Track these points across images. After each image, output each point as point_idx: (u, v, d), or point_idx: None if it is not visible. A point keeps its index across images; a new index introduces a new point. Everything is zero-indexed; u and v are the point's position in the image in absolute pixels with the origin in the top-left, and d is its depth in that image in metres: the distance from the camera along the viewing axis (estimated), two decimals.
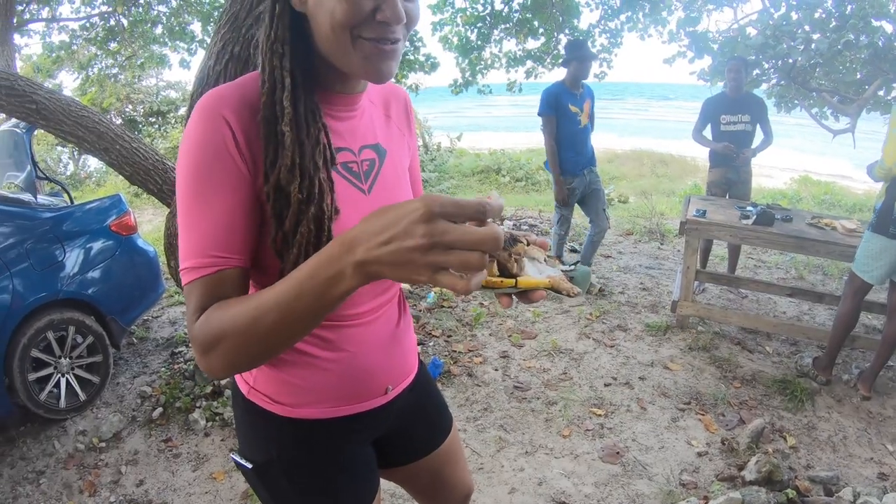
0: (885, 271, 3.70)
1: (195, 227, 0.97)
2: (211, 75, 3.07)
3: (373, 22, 0.95)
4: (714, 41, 8.93)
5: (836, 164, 18.88)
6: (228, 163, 0.98)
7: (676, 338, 4.69)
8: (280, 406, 1.22)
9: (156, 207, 10.44)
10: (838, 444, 3.51)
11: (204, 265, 0.96)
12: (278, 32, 1.02)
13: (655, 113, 46.96)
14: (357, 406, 1.26)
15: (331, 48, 1.00)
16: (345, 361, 1.21)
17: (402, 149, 1.31)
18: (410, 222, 0.68)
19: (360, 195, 1.15)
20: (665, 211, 9.26)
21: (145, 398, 3.90)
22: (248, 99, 1.01)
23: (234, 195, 0.98)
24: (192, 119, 1.00)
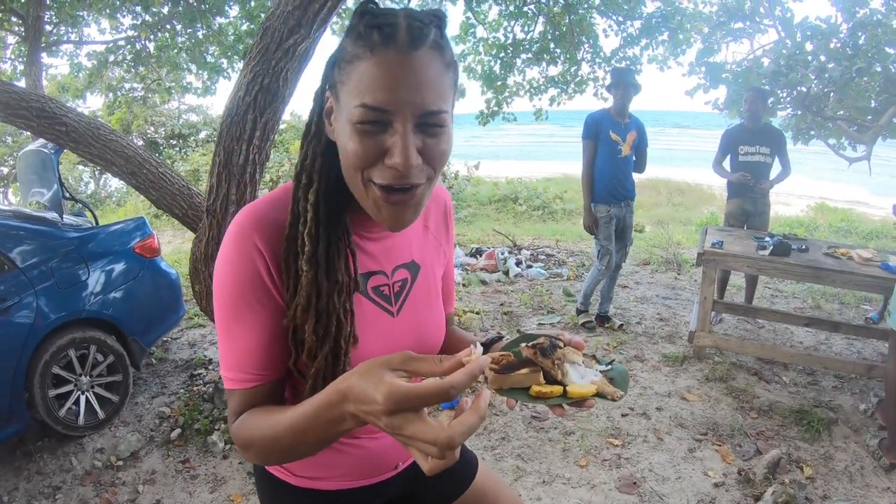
0: None
1: (233, 344, 1.03)
2: (241, 106, 3.14)
3: (381, 167, 0.91)
4: (729, 71, 8.99)
5: (852, 191, 18.83)
6: (262, 290, 1.01)
7: (693, 368, 4.69)
8: (296, 478, 1.26)
9: (175, 229, 10.56)
10: (855, 475, 3.49)
11: (243, 379, 1.03)
12: (307, 159, 1.02)
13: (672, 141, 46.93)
14: (369, 480, 1.30)
15: (349, 185, 0.98)
16: (362, 445, 1.26)
17: (437, 259, 1.31)
18: (374, 411, 0.76)
19: (387, 318, 1.17)
20: (682, 240, 9.27)
21: (164, 419, 3.94)
22: (281, 222, 1.02)
23: (270, 319, 1.02)
24: (226, 241, 1.02)
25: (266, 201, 1.05)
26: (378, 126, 0.88)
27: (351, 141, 0.90)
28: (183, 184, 3.97)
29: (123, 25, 8.44)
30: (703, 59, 9.25)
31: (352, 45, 0.90)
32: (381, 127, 0.89)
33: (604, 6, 8.74)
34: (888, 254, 4.74)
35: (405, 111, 0.87)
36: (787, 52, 8.05)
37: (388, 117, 0.88)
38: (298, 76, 3.25)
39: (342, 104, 0.92)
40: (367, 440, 1.26)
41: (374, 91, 0.87)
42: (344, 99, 0.91)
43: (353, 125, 0.89)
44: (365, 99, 0.87)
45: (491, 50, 9.23)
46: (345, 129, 0.91)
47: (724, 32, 9.39)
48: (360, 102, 0.87)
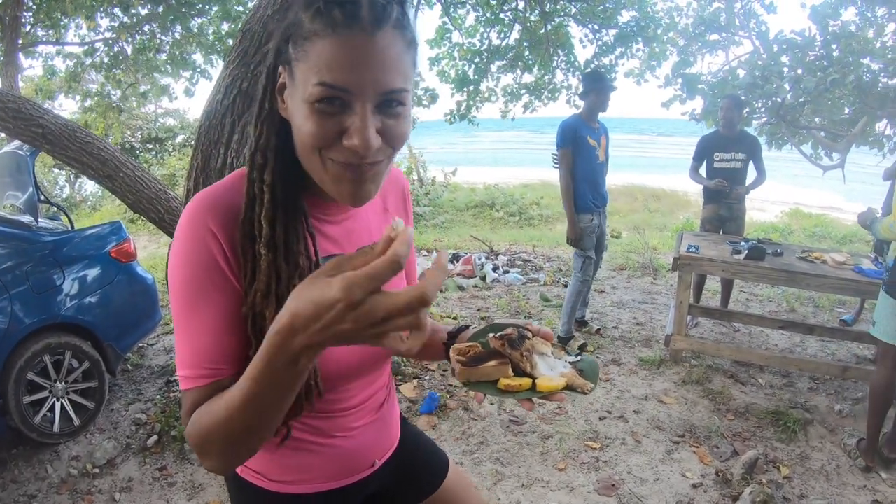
0: None
1: (189, 338, 0.97)
2: (219, 109, 3.13)
3: (340, 146, 0.88)
4: (705, 83, 9.10)
5: (826, 197, 19.10)
6: (218, 276, 0.96)
7: (670, 371, 4.73)
8: (271, 482, 1.23)
9: (151, 234, 10.48)
10: (831, 474, 3.55)
11: (198, 376, 0.96)
12: (262, 139, 0.98)
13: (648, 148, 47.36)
14: (345, 481, 1.28)
15: (305, 165, 0.95)
16: (336, 445, 1.23)
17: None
18: (337, 313, 0.68)
19: None
20: (658, 246, 9.35)
21: (140, 425, 3.89)
22: (237, 207, 0.98)
23: (226, 308, 0.97)
24: (180, 226, 0.98)
25: (219, 185, 1.02)
26: (337, 106, 0.85)
27: (308, 121, 0.86)
28: (160, 187, 3.94)
29: (101, 27, 8.38)
30: (679, 70, 9.36)
31: (309, 21, 0.85)
32: (340, 107, 0.85)
33: (580, 15, 8.82)
34: (861, 257, 4.83)
35: (366, 91, 0.85)
36: (763, 64, 8.17)
37: (348, 97, 0.85)
38: None
39: (298, 82, 0.88)
40: (342, 439, 1.24)
41: (334, 70, 0.83)
42: (301, 77, 0.87)
43: (311, 104, 0.85)
44: (325, 78, 0.83)
45: (466, 55, 9.28)
46: (301, 108, 0.87)
47: (699, 44, 9.51)
48: (320, 81, 0.84)
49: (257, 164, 0.97)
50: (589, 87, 5.00)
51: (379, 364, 1.24)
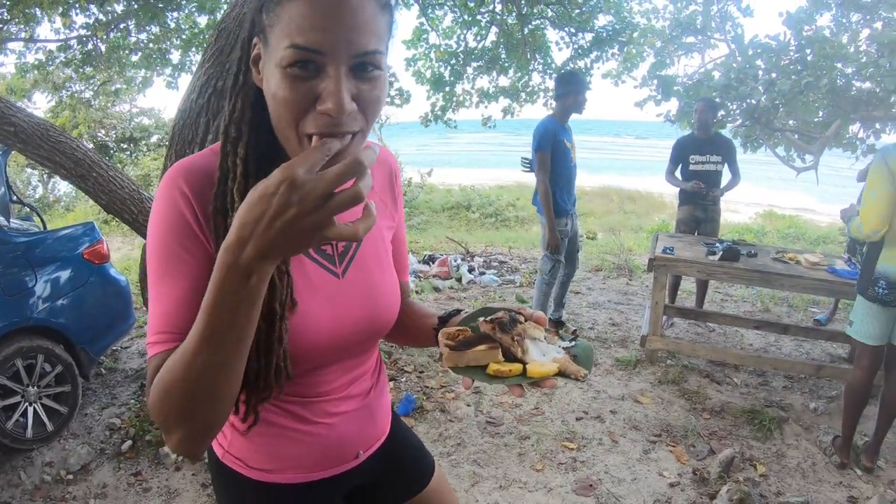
0: (878, 332, 3.40)
1: (159, 302, 0.95)
2: (193, 108, 3.10)
3: (314, 115, 0.84)
4: (680, 84, 9.17)
5: (800, 199, 19.37)
6: (189, 239, 0.95)
7: (646, 372, 4.76)
8: (252, 471, 1.21)
9: (125, 235, 10.36)
10: (807, 471, 3.60)
11: (165, 340, 0.93)
12: (236, 111, 0.95)
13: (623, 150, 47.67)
14: (328, 472, 1.26)
15: (280, 139, 0.92)
16: (316, 433, 1.21)
17: (385, 222, 1.26)
18: (282, 196, 0.68)
19: (332, 279, 1.12)
20: (633, 247, 9.41)
21: (114, 430, 3.84)
22: (212, 171, 0.97)
23: (197, 271, 0.94)
24: (157, 191, 0.98)
25: (197, 154, 1.01)
26: (310, 69, 0.82)
27: (281, 87, 0.83)
28: (133, 188, 3.90)
29: (76, 24, 8.26)
30: (655, 72, 9.42)
31: None
32: (312, 71, 0.83)
33: (556, 18, 8.86)
34: (835, 258, 4.90)
35: (339, 53, 0.82)
36: (738, 67, 8.24)
37: (320, 59, 0.82)
38: None
39: (271, 48, 0.85)
40: (323, 426, 1.21)
41: (305, 31, 0.81)
42: (273, 42, 0.84)
43: (283, 69, 0.83)
44: (296, 39, 0.81)
45: (442, 56, 9.28)
46: (274, 75, 0.85)
47: (675, 46, 9.57)
48: (291, 43, 0.81)
49: (231, 136, 0.95)
50: (565, 88, 4.94)
51: (358, 348, 1.21)
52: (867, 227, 3.24)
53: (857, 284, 3.51)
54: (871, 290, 3.33)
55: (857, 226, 3.30)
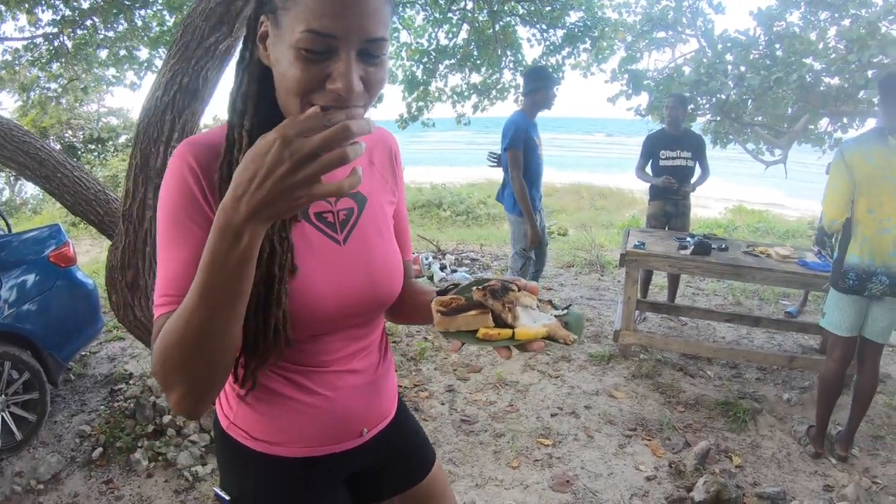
0: (849, 323, 3.49)
1: (166, 266, 1.01)
2: (158, 106, 3.03)
3: (323, 93, 0.91)
4: (651, 79, 9.23)
5: (769, 193, 19.64)
6: (196, 210, 1.01)
7: (620, 366, 4.77)
8: (257, 442, 1.23)
9: (94, 238, 10.20)
10: (783, 461, 3.63)
11: (169, 301, 0.98)
12: (243, 86, 1.01)
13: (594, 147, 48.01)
14: (332, 448, 1.27)
15: (285, 111, 0.98)
16: (320, 405, 1.22)
17: (385, 196, 1.30)
18: (275, 153, 0.76)
19: (333, 246, 1.16)
20: (604, 243, 9.44)
21: (84, 438, 3.76)
22: (219, 146, 1.03)
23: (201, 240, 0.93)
24: (168, 164, 1.04)
25: (206, 131, 1.09)
26: (322, 52, 0.89)
27: (293, 66, 0.89)
28: (99, 188, 3.82)
29: (42, 21, 8.10)
30: (625, 66, 9.47)
31: None
32: (325, 53, 0.89)
33: (528, 15, 8.87)
34: (805, 251, 4.94)
35: (351, 38, 0.88)
36: (708, 62, 8.31)
37: (334, 43, 0.88)
38: (219, 76, 3.15)
39: (284, 29, 0.90)
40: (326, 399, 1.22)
41: (321, 17, 0.86)
42: (287, 24, 0.89)
43: (298, 50, 0.88)
44: (312, 25, 0.86)
45: (414, 55, 9.27)
46: (286, 55, 0.90)
47: (646, 41, 9.63)
48: (307, 28, 0.87)
49: (237, 110, 1.01)
50: (534, 84, 4.89)
51: (360, 317, 1.23)
52: (826, 217, 3.43)
53: (829, 277, 3.57)
54: (841, 281, 3.39)
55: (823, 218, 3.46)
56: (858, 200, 3.31)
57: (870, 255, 3.29)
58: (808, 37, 7.92)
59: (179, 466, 3.39)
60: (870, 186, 3.26)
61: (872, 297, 3.34)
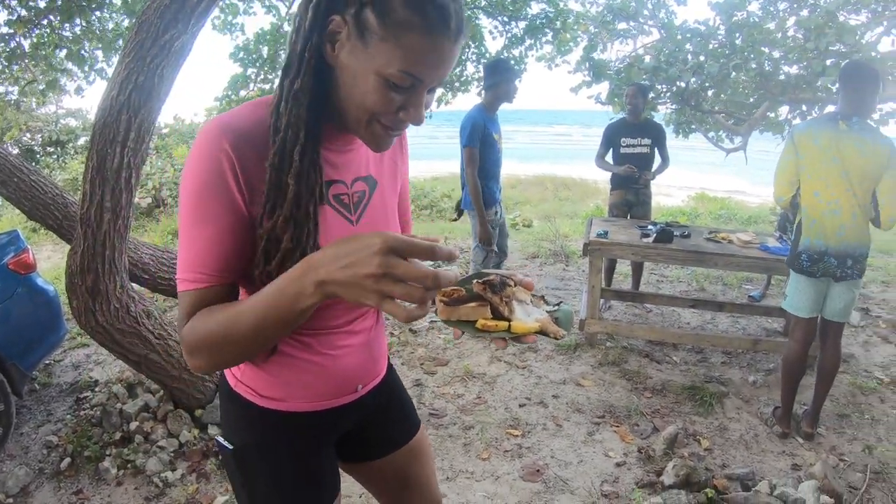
0: (809, 304, 3.58)
1: (191, 245, 1.07)
2: (114, 106, 2.98)
3: (393, 116, 1.04)
4: (612, 68, 9.30)
5: (730, 181, 19.95)
6: (225, 193, 1.06)
7: (586, 355, 4.82)
8: (263, 399, 1.32)
9: (55, 244, 9.98)
10: (750, 442, 3.71)
11: (197, 279, 1.07)
12: (304, 80, 1.05)
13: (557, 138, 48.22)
14: (331, 402, 1.37)
15: (346, 114, 1.07)
16: (322, 363, 1.32)
17: (394, 178, 1.41)
18: (369, 253, 0.84)
19: (347, 225, 1.23)
20: (568, 233, 9.48)
21: (52, 448, 3.69)
22: (252, 134, 1.08)
23: (228, 222, 1.07)
24: (196, 144, 1.07)
25: (237, 112, 1.11)
26: (406, 88, 1.01)
27: (376, 91, 1.00)
28: (57, 192, 3.76)
29: None
30: (588, 56, 9.52)
31: (402, 8, 0.96)
32: (407, 89, 1.01)
33: (490, 7, 8.88)
34: (766, 236, 5.03)
35: (433, 84, 1.03)
36: (668, 51, 8.40)
37: (419, 85, 1.01)
38: (175, 73, 3.11)
39: (374, 54, 0.98)
40: (328, 357, 1.32)
41: (421, 65, 0.98)
42: (381, 52, 0.98)
43: (386, 81, 0.99)
44: (412, 70, 0.98)
45: None
46: (370, 77, 1.00)
47: (609, 32, 9.69)
48: (406, 70, 0.98)
49: (298, 103, 1.05)
50: (494, 78, 4.83)
51: None
52: (775, 193, 3.61)
53: (787, 259, 3.67)
54: (797, 263, 3.50)
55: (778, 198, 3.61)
56: (805, 182, 3.43)
57: (819, 237, 3.41)
58: (767, 26, 8.04)
59: (149, 473, 3.35)
60: (815, 168, 3.37)
61: (827, 276, 3.45)
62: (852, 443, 3.75)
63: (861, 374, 4.62)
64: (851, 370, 4.67)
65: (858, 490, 3.30)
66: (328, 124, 1.14)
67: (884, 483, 3.38)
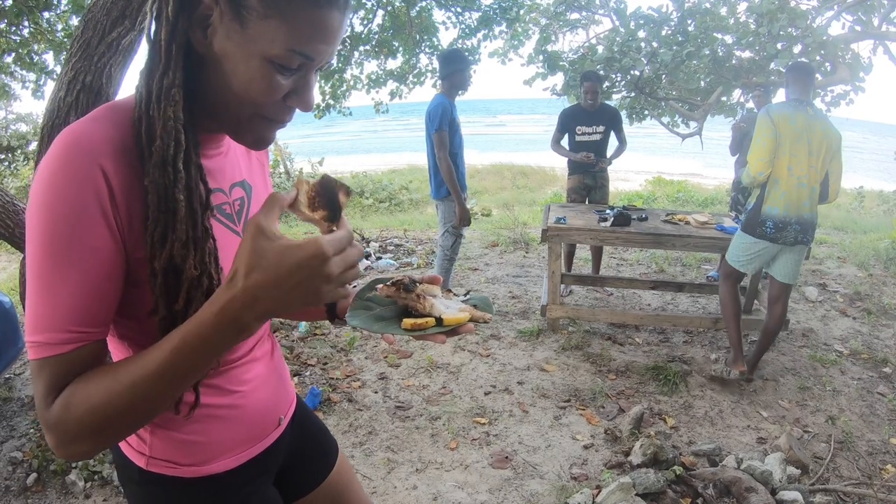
0: (756, 265, 4.04)
1: (50, 296, 0.84)
2: (62, 107, 2.89)
3: (280, 104, 0.92)
4: (565, 59, 9.36)
5: (686, 164, 20.25)
6: (99, 224, 0.85)
7: (549, 340, 4.83)
8: (185, 468, 1.12)
9: (10, 253, 9.74)
10: (715, 418, 3.77)
11: (61, 341, 0.85)
12: (176, 76, 0.89)
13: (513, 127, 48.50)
14: (259, 446, 1.23)
15: (222, 110, 0.93)
16: (237, 404, 1.17)
17: (264, 180, 1.27)
18: (319, 266, 0.77)
19: (235, 239, 1.08)
20: (528, 221, 9.52)
21: (17, 464, 3.56)
22: (125, 144, 0.88)
23: (102, 262, 0.86)
24: (55, 162, 0.84)
25: (95, 121, 0.89)
26: (293, 70, 0.89)
27: (261, 78, 0.87)
28: (7, 199, 3.64)
29: None
30: (541, 48, 9.57)
31: None
32: (295, 71, 0.89)
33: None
34: (722, 217, 5.10)
35: (322, 62, 0.91)
36: (621, 40, 8.47)
37: (307, 64, 0.89)
38: (124, 72, 3.02)
39: (255, 35, 0.85)
40: (240, 396, 1.16)
41: (311, 42, 0.86)
42: (264, 32, 0.85)
43: (272, 63, 0.87)
44: (301, 47, 0.86)
45: None
46: (252, 62, 0.87)
47: (560, 23, 9.74)
48: (293, 48, 0.86)
49: (172, 101, 0.88)
50: (450, 67, 4.87)
51: None
52: (753, 170, 3.83)
53: (742, 224, 4.01)
54: (759, 229, 3.86)
55: (747, 172, 3.88)
56: (780, 158, 3.75)
57: (787, 207, 3.77)
58: (720, 12, 8.16)
59: (116, 483, 3.27)
60: (792, 145, 3.72)
61: (786, 243, 3.83)
62: (815, 414, 3.84)
63: (821, 348, 4.73)
64: (811, 344, 4.77)
65: (824, 460, 3.37)
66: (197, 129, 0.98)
67: (848, 452, 3.47)
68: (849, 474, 3.30)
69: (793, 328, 5.02)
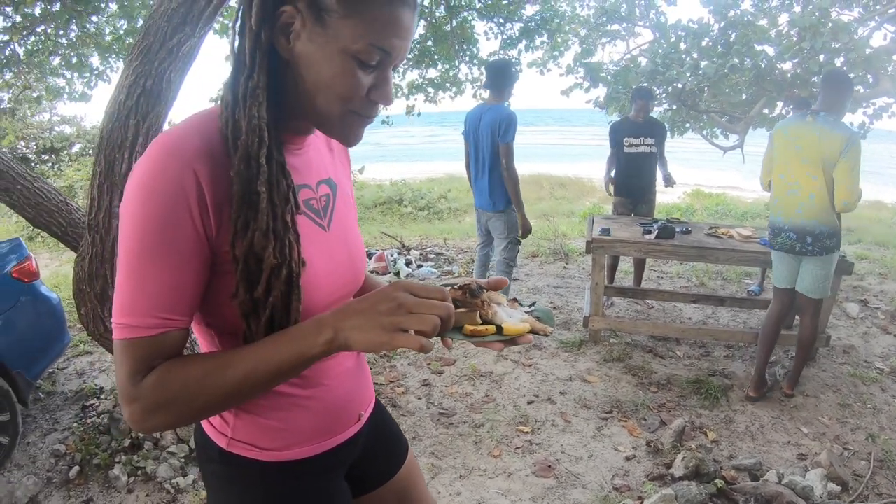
0: (780, 275, 4.06)
1: (141, 284, 0.92)
2: (122, 110, 2.97)
3: (365, 100, 0.99)
4: (608, 72, 9.35)
5: (726, 177, 20.00)
6: (188, 222, 0.92)
7: (591, 351, 4.84)
8: (265, 452, 1.17)
9: (52, 251, 9.97)
10: (756, 433, 3.75)
11: (147, 325, 0.93)
12: (260, 78, 0.95)
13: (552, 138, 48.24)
14: (337, 438, 1.26)
15: (314, 110, 1.00)
16: (321, 396, 1.21)
17: (348, 180, 1.33)
18: (385, 294, 0.90)
19: (320, 232, 1.14)
20: (567, 231, 9.50)
21: (60, 457, 3.65)
22: (213, 148, 0.95)
23: (190, 256, 0.94)
24: (153, 163, 0.91)
25: (188, 127, 0.97)
26: (374, 66, 0.96)
27: (346, 73, 0.95)
28: (60, 199, 3.74)
29: None
30: (581, 59, 9.58)
31: None
32: (375, 67, 0.97)
33: (485, 9, 8.92)
34: (765, 230, 5.05)
35: (399, 58, 0.98)
36: (663, 52, 8.45)
37: (386, 60, 0.97)
38: (182, 77, 3.09)
39: (337, 34, 0.93)
40: (325, 389, 1.21)
41: (390, 37, 0.94)
42: (344, 31, 0.93)
43: (356, 59, 0.94)
44: (381, 43, 0.94)
45: None
46: (336, 59, 0.94)
47: (600, 34, 9.74)
48: (374, 43, 0.93)
49: (257, 101, 0.96)
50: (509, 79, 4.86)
51: (344, 300, 1.21)
52: (761, 178, 4.16)
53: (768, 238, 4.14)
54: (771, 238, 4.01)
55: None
56: (775, 167, 3.91)
57: (779, 214, 3.89)
58: (761, 24, 8.10)
59: (160, 479, 3.32)
60: (782, 154, 3.84)
61: (783, 250, 3.92)
62: (855, 432, 3.80)
63: (861, 365, 4.67)
64: (852, 361, 4.72)
65: (863, 477, 3.34)
66: (283, 129, 1.05)
67: (888, 470, 3.43)
68: (888, 492, 3.26)
69: (833, 344, 4.96)
